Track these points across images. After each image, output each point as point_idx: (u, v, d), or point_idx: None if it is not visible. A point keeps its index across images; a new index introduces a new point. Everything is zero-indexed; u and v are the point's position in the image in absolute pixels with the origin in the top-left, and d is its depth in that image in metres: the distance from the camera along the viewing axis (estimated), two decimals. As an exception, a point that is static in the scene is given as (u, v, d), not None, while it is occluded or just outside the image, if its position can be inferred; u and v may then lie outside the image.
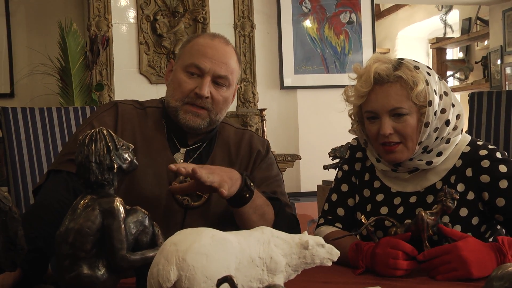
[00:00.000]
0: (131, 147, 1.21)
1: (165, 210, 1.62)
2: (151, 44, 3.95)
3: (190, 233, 1.07)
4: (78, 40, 3.70)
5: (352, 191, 1.71)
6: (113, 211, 1.13)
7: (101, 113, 1.68)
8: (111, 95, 3.83)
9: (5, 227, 1.02)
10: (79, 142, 1.16)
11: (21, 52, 4.12)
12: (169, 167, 1.44)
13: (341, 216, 1.71)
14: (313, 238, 1.18)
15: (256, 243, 1.12)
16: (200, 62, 1.63)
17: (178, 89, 1.65)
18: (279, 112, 4.42)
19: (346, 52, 4.51)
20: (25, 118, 2.24)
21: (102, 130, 1.17)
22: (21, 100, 4.06)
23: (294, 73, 4.44)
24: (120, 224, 1.12)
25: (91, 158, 1.14)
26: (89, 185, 1.16)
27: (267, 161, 1.76)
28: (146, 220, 1.19)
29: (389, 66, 1.54)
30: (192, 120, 1.64)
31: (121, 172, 1.18)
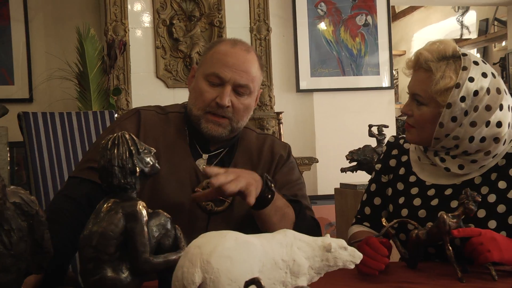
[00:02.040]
0: (153, 151, 1.21)
1: (189, 216, 1.63)
2: (167, 48, 3.97)
3: (213, 236, 1.08)
4: (96, 45, 3.73)
5: (380, 190, 1.74)
6: (136, 215, 1.13)
7: (123, 120, 1.70)
8: (128, 99, 3.85)
9: (32, 230, 1.04)
10: (101, 146, 1.17)
11: (39, 58, 4.17)
12: (205, 169, 1.45)
13: (368, 215, 1.75)
14: (336, 240, 1.18)
15: (279, 246, 1.13)
16: (221, 72, 1.63)
17: (199, 98, 1.66)
18: (295, 115, 4.42)
19: (362, 55, 4.51)
20: (45, 123, 2.27)
21: (124, 134, 1.17)
22: (39, 105, 4.10)
23: (310, 76, 4.44)
24: (143, 227, 1.13)
25: (114, 162, 1.15)
26: (112, 189, 1.17)
27: (289, 165, 1.77)
28: (168, 223, 1.20)
29: (433, 55, 1.55)
30: (213, 129, 1.65)
31: (144, 176, 1.19)
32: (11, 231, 0.99)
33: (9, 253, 0.99)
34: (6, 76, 4.11)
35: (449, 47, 1.57)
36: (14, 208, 1.01)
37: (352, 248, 1.19)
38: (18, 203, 1.02)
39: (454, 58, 1.55)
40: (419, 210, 1.62)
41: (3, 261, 0.97)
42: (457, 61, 1.54)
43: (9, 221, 0.99)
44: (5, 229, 0.98)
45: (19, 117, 2.23)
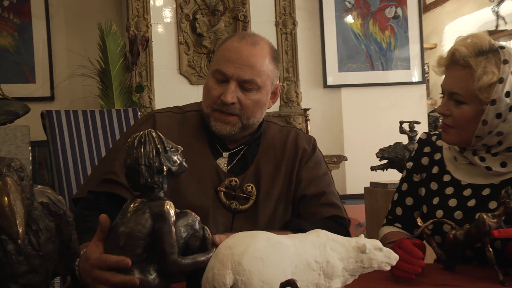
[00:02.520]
0: (180, 149, 1.21)
1: (213, 217, 1.63)
2: (191, 43, 3.99)
3: (244, 236, 1.07)
4: (118, 41, 3.76)
5: (412, 189, 1.72)
6: (164, 215, 1.13)
7: (139, 126, 1.70)
8: (151, 97, 3.88)
9: (59, 231, 1.05)
10: (127, 145, 1.17)
11: (61, 55, 4.22)
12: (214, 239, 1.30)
13: (400, 216, 1.73)
14: (371, 241, 1.17)
15: (312, 246, 1.12)
16: (223, 68, 1.63)
17: (207, 95, 1.66)
18: (322, 112, 4.41)
19: (392, 48, 4.47)
20: (69, 121, 2.29)
21: (151, 132, 1.17)
22: (61, 103, 4.14)
23: (337, 71, 4.42)
24: (170, 227, 1.13)
25: (141, 161, 1.14)
26: (139, 188, 1.17)
27: (314, 159, 1.75)
28: (196, 223, 1.20)
29: (470, 50, 1.52)
30: (221, 127, 1.65)
31: (171, 174, 1.18)
32: (39, 232, 1.01)
33: (37, 254, 1.00)
34: (27, 74, 4.16)
35: (485, 40, 1.54)
36: (42, 208, 1.02)
37: (388, 249, 1.18)
38: (46, 203, 1.03)
39: (492, 52, 1.53)
40: (455, 212, 1.59)
41: (31, 262, 0.99)
42: (496, 55, 1.52)
43: (37, 221, 1.00)
44: (33, 230, 0.99)
45: (42, 115, 2.26)
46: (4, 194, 0.89)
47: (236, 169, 1.70)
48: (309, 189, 1.68)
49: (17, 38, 4.14)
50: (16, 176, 0.93)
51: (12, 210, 0.88)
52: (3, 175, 0.91)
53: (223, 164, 1.69)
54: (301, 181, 1.70)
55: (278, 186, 1.70)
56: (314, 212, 1.68)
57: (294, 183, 1.70)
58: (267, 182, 1.69)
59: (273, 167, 1.71)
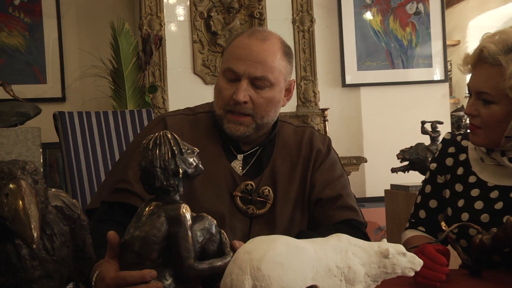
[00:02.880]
0: (196, 151, 1.21)
1: (230, 222, 1.63)
2: (205, 42, 4.00)
3: (263, 240, 1.07)
4: (131, 40, 3.77)
5: (436, 191, 1.71)
6: (180, 218, 1.13)
7: (149, 130, 1.69)
8: (165, 97, 3.89)
9: (73, 235, 1.06)
10: (142, 147, 1.17)
11: (72, 55, 4.25)
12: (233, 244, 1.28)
13: (423, 219, 1.72)
14: (394, 246, 1.16)
15: (333, 251, 1.12)
16: (234, 66, 1.61)
17: (219, 96, 1.65)
18: (341, 112, 4.40)
19: (413, 46, 4.45)
20: (81, 123, 2.31)
21: (167, 133, 1.17)
22: (72, 104, 4.18)
23: (356, 69, 4.41)
24: (187, 231, 1.13)
25: (156, 163, 1.14)
26: (154, 191, 1.17)
27: (329, 161, 1.73)
28: (213, 227, 1.20)
29: (499, 47, 1.51)
30: (235, 129, 1.63)
31: (187, 177, 1.18)
32: (53, 236, 1.01)
33: (52, 259, 1.01)
34: (38, 75, 4.20)
35: None
36: (56, 212, 1.03)
37: (412, 254, 1.17)
38: (60, 206, 1.04)
39: None
40: (482, 214, 1.58)
41: (46, 267, 1.00)
42: None
43: (51, 226, 1.01)
44: (48, 234, 1.00)
45: (55, 117, 2.28)
46: (19, 197, 0.90)
47: (251, 171, 1.69)
48: (325, 192, 1.67)
49: (27, 38, 4.17)
50: (30, 179, 0.94)
51: (27, 214, 0.89)
52: (17, 178, 0.92)
53: (238, 167, 1.69)
54: (315, 184, 1.69)
55: (294, 188, 1.69)
56: (330, 215, 1.66)
57: (308, 186, 1.70)
58: (284, 184, 1.68)
59: (289, 168, 1.70)
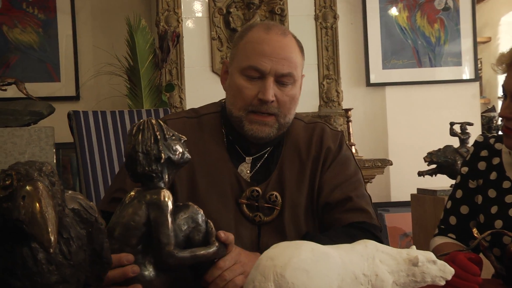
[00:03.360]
0: (183, 139, 1.23)
1: (237, 231, 1.60)
2: (224, 39, 4.01)
3: (287, 246, 1.08)
4: (147, 37, 3.79)
5: (468, 197, 1.70)
6: (159, 204, 1.15)
7: None
8: (182, 96, 3.91)
9: (91, 239, 1.06)
10: (128, 133, 1.20)
11: (86, 52, 4.27)
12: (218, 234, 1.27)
13: (453, 226, 1.71)
14: (423, 253, 1.16)
15: (360, 258, 1.12)
16: (259, 63, 1.58)
17: (238, 96, 1.61)
18: (365, 112, 4.39)
19: (442, 43, 4.42)
20: (96, 122, 2.32)
21: (151, 119, 1.20)
22: (86, 103, 4.20)
23: (381, 68, 4.40)
24: (166, 217, 1.15)
25: (138, 148, 1.17)
26: (137, 178, 1.20)
27: (340, 159, 1.69)
28: (199, 216, 1.22)
29: None
30: (259, 130, 1.61)
31: (172, 164, 1.20)
32: (70, 240, 1.02)
33: (68, 263, 1.01)
34: (52, 72, 4.23)
35: None
36: (73, 215, 1.04)
37: (442, 262, 1.16)
38: (77, 209, 1.05)
39: None
40: None
41: (62, 272, 1.00)
42: None
43: (68, 229, 1.02)
44: (64, 238, 1.01)
45: (69, 116, 2.30)
46: (36, 200, 0.91)
47: (259, 175, 1.67)
48: (333, 195, 1.64)
49: (41, 35, 4.21)
50: (47, 181, 0.95)
51: (44, 217, 0.90)
52: (34, 180, 0.93)
53: (246, 170, 1.67)
54: (323, 187, 1.65)
55: (303, 192, 1.66)
56: (337, 218, 1.62)
57: (316, 189, 1.66)
58: (292, 188, 1.65)
59: (297, 170, 1.67)
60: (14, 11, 4.18)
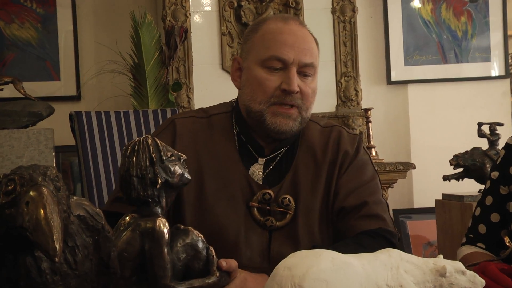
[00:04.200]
0: (182, 158, 1.22)
1: (246, 236, 1.63)
2: (235, 35, 4.02)
3: (306, 255, 1.08)
4: (153, 33, 3.80)
5: (498, 203, 1.70)
6: (154, 233, 1.14)
7: (158, 134, 1.70)
8: (190, 96, 3.92)
9: (97, 247, 1.07)
10: (122, 153, 1.20)
11: (88, 49, 4.29)
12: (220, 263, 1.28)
13: (483, 234, 1.71)
14: (451, 263, 1.16)
15: (383, 268, 1.12)
16: (281, 53, 1.62)
17: (259, 89, 1.64)
18: (386, 112, 4.38)
19: (469, 37, 4.41)
20: (100, 124, 2.34)
21: (147, 138, 1.19)
22: (88, 103, 4.22)
23: (403, 64, 4.39)
24: (162, 248, 1.14)
25: (132, 171, 1.16)
26: (132, 202, 1.19)
27: (357, 163, 1.71)
28: (199, 243, 1.21)
29: None
30: (283, 123, 1.63)
31: (169, 187, 1.19)
32: (75, 248, 1.03)
33: (74, 273, 1.02)
34: (51, 71, 4.26)
35: None
36: (79, 222, 1.05)
37: (472, 273, 1.17)
38: (83, 216, 1.05)
39: None
40: None
41: (67, 283, 1.01)
42: None
43: (74, 237, 1.03)
44: (70, 246, 1.02)
45: (71, 117, 2.32)
46: (40, 206, 0.91)
47: (271, 177, 1.69)
48: (348, 200, 1.65)
49: (40, 30, 4.23)
50: (52, 186, 0.96)
51: (49, 224, 0.91)
52: (38, 185, 0.94)
53: (258, 172, 1.69)
54: (339, 192, 1.67)
55: (318, 197, 1.67)
56: (351, 225, 1.64)
57: (332, 194, 1.68)
58: (307, 192, 1.67)
59: (312, 174, 1.69)
60: (11, 5, 4.21)
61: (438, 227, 3.56)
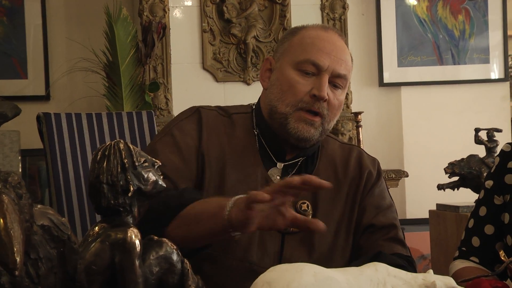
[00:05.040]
0: (157, 164, 1.21)
1: (261, 237, 1.69)
2: (217, 32, 4.02)
3: (286, 269, 1.09)
4: (129, 29, 3.80)
5: (493, 215, 1.71)
6: (125, 245, 1.13)
7: (181, 120, 1.79)
8: (168, 97, 3.91)
9: (62, 260, 1.07)
10: (92, 158, 1.19)
11: (59, 45, 4.28)
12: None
13: (476, 248, 1.72)
14: (442, 278, 1.18)
15: (369, 283, 1.13)
16: (318, 58, 1.70)
17: (289, 91, 1.72)
18: (378, 116, 4.40)
19: (467, 37, 4.44)
20: (70, 126, 2.32)
21: (119, 143, 1.18)
22: (58, 104, 4.20)
23: (397, 65, 4.42)
24: (133, 261, 1.13)
25: (102, 178, 1.15)
26: (102, 212, 1.18)
27: (380, 185, 1.81)
28: (173, 255, 1.20)
29: None
30: (305, 129, 1.71)
31: (142, 196, 1.19)
32: (38, 261, 1.02)
33: (36, 288, 1.02)
34: (18, 68, 4.24)
35: None
36: (42, 232, 1.04)
37: (464, 289, 1.18)
38: (47, 226, 1.05)
39: None
40: None
41: (29, 298, 1.01)
42: None
43: (37, 249, 1.02)
44: (32, 259, 1.01)
45: (39, 119, 2.30)
46: (0, 215, 0.91)
47: None
48: (378, 218, 1.75)
49: (6, 24, 4.21)
50: (13, 193, 0.95)
51: (9, 235, 0.90)
52: (-2, 192, 0.93)
53: (276, 176, 1.76)
54: (365, 209, 1.76)
55: (339, 208, 1.76)
56: (380, 245, 1.72)
57: (357, 210, 1.77)
58: (327, 202, 1.75)
59: (333, 186, 1.72)
60: (-26, -3, 4.18)
61: (432, 240, 3.58)
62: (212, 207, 1.49)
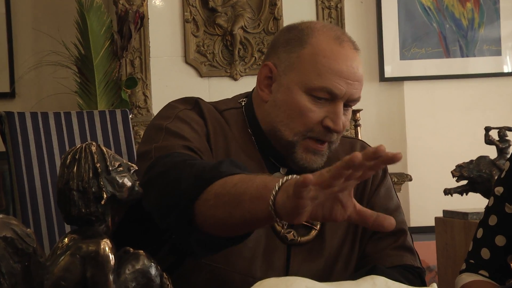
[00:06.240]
0: (133, 169, 1.22)
1: (266, 248, 1.68)
2: (200, 22, 4.02)
3: (275, 284, 1.09)
4: (103, 19, 3.80)
5: (504, 224, 1.71)
6: (98, 258, 1.14)
7: (184, 109, 1.72)
8: (147, 93, 3.91)
9: (28, 275, 1.07)
10: (61, 162, 1.19)
11: (25, 36, 4.27)
12: None
13: (486, 260, 1.72)
14: (446, 293, 1.18)
15: (366, 299, 1.13)
16: (335, 86, 1.64)
17: (299, 119, 1.67)
18: (378, 114, 4.41)
19: (476, 27, 4.46)
20: (36, 126, 2.32)
21: (91, 145, 1.18)
22: (24, 102, 4.19)
23: (399, 58, 4.43)
24: (107, 276, 1.14)
25: (72, 184, 1.15)
26: (72, 221, 1.18)
27: (385, 185, 1.80)
28: (151, 269, 1.20)
29: None
30: (313, 160, 1.68)
31: (116, 203, 1.19)
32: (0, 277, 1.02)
33: (-2, 306, 1.02)
34: (-21, 62, 4.22)
35: None
36: (5, 245, 1.04)
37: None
38: (10, 238, 1.05)
39: None
40: None
41: (-10, 317, 1.01)
42: None
43: (-2, 263, 1.02)
44: (-7, 274, 1.02)
45: (1, 118, 2.29)
46: (-43, 226, 0.91)
47: None
48: None
49: (-35, 13, 4.20)
50: (-28, 202, 0.95)
51: (-33, 248, 0.90)
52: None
53: None
54: (373, 209, 1.72)
55: None
56: (387, 254, 1.72)
57: None
58: None
59: None
60: None
61: (439, 249, 3.58)
62: (256, 187, 1.37)
